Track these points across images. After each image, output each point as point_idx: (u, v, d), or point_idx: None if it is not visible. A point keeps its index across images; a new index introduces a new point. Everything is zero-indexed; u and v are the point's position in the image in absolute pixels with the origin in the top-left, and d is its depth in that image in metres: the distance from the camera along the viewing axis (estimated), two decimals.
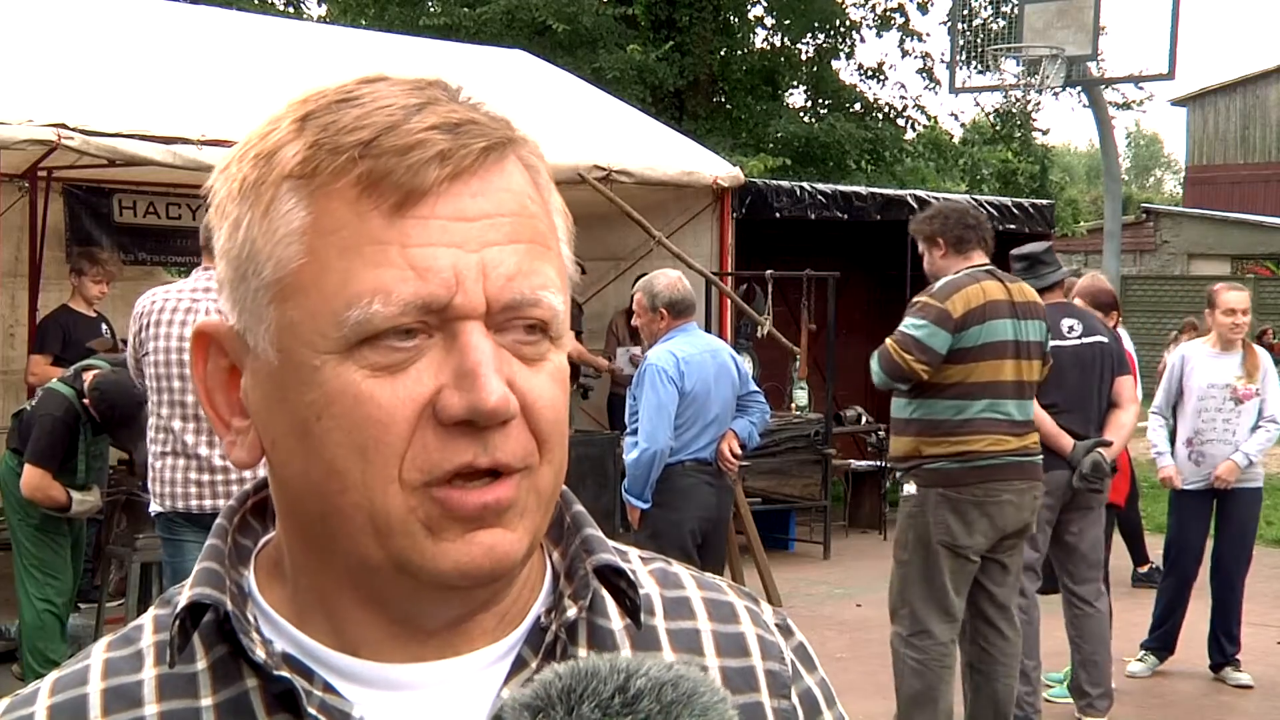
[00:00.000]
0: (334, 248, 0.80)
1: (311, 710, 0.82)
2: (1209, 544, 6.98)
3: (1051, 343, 5.80)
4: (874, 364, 5.20)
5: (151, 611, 0.91)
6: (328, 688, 0.84)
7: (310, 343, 0.80)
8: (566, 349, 0.86)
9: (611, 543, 0.96)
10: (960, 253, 5.25)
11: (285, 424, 0.82)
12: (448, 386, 0.79)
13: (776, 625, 1.00)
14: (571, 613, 0.88)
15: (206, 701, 0.85)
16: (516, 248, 0.82)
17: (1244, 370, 6.71)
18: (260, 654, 0.83)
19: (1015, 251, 6.20)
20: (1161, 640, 7.03)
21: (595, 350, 10.39)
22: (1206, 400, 6.68)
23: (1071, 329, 5.95)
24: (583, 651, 0.90)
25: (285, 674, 0.82)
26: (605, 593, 0.92)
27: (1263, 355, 6.87)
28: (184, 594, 0.86)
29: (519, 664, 0.87)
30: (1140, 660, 7.05)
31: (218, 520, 0.91)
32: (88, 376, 5.97)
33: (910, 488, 5.25)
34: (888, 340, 5.17)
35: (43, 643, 6.02)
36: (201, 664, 0.86)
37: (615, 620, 0.92)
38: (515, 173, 0.84)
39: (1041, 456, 5.39)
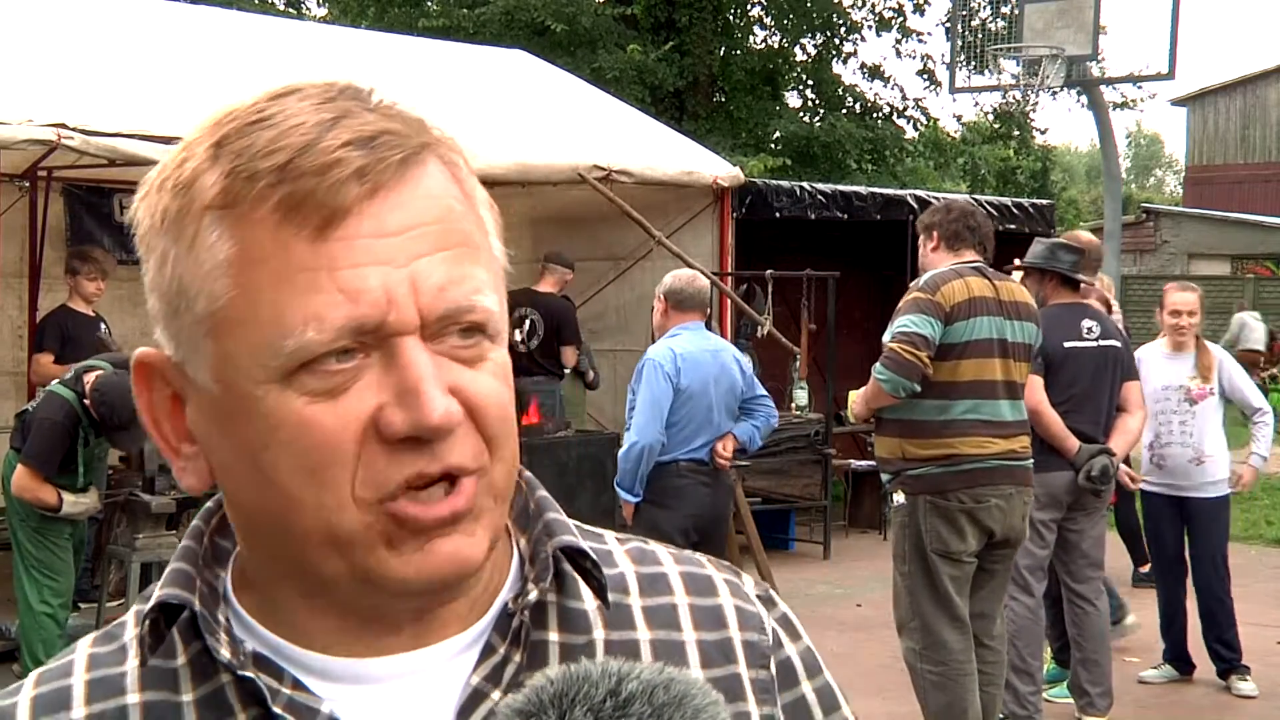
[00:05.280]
0: (263, 278, 0.79)
1: (277, 709, 0.83)
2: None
3: (1071, 343, 5.80)
4: (884, 374, 4.98)
5: (134, 607, 0.92)
6: (296, 684, 0.85)
7: (249, 374, 0.80)
8: (505, 344, 0.86)
9: (584, 526, 0.96)
10: (951, 249, 5.19)
11: (234, 452, 0.83)
12: (389, 404, 0.79)
13: (758, 596, 0.99)
14: (533, 595, 0.88)
15: (187, 696, 0.86)
16: (445, 255, 0.81)
17: (1197, 371, 6.60)
18: (225, 654, 0.84)
19: (1068, 243, 6.13)
20: (1174, 651, 6.97)
21: (600, 350, 10.38)
22: (1162, 403, 6.56)
23: (1090, 330, 5.91)
24: (553, 634, 0.90)
25: (249, 673, 0.83)
26: (577, 575, 0.92)
27: (1216, 353, 6.72)
28: (154, 593, 0.87)
29: (487, 650, 0.87)
30: (1156, 669, 7.00)
31: (193, 522, 0.92)
32: (89, 379, 5.95)
33: (899, 497, 5.20)
34: (892, 345, 4.99)
35: (38, 644, 6.00)
36: (181, 659, 0.87)
37: (589, 601, 0.92)
38: (436, 175, 0.83)
39: (1031, 461, 5.27)
